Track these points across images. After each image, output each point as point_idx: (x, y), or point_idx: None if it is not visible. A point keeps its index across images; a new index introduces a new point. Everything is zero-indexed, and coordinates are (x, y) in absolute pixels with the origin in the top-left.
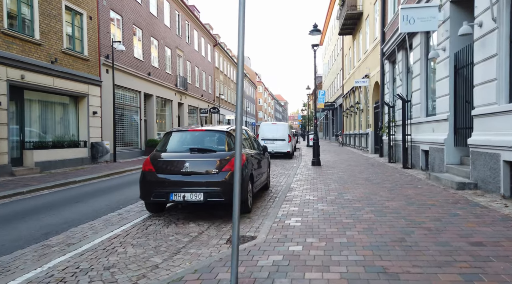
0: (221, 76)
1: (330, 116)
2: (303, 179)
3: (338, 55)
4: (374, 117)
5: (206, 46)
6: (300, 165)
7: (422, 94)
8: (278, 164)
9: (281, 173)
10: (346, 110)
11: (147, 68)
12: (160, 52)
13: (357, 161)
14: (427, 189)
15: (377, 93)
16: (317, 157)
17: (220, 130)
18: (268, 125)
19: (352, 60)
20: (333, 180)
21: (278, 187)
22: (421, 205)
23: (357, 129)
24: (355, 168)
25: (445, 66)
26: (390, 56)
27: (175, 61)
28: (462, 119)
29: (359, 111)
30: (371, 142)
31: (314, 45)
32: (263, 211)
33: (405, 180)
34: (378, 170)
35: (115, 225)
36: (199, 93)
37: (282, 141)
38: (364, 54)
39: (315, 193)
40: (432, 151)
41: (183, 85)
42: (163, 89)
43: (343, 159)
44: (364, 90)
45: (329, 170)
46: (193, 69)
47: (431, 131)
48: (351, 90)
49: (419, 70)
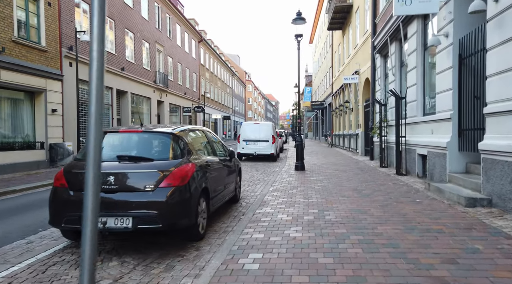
0: (207, 73)
1: (320, 116)
2: (281, 189)
3: (328, 52)
4: (364, 116)
5: (190, 42)
6: (282, 169)
7: (418, 90)
8: (259, 168)
9: (260, 179)
10: (335, 110)
11: (120, 62)
12: (137, 46)
13: (345, 165)
14: (428, 204)
15: (368, 91)
16: (301, 161)
17: (163, 132)
18: (250, 125)
19: (342, 56)
20: (315, 191)
21: (250, 199)
22: (425, 232)
23: (346, 130)
24: (343, 174)
25: (448, 55)
26: (382, 49)
27: (154, 56)
28: (469, 118)
29: (349, 110)
30: (361, 144)
31: (298, 36)
32: (220, 238)
33: (400, 191)
34: (369, 177)
35: (6, 264)
36: (182, 91)
37: (265, 142)
38: (354, 49)
39: (291, 210)
40: (431, 156)
41: (164, 82)
42: (139, 85)
43: (330, 162)
44: (353, 87)
45: (313, 177)
46: (175, 65)
47: (429, 132)
48: (340, 88)
49: (415, 63)
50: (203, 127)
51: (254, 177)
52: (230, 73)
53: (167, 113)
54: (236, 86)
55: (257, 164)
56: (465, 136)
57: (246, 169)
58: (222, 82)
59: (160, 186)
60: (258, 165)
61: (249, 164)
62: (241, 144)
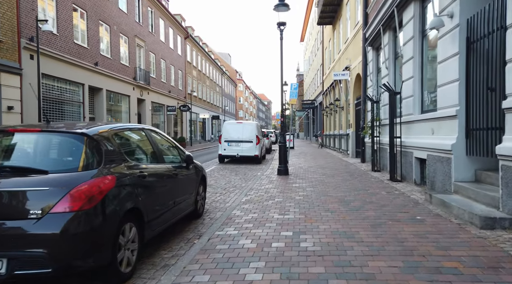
0: (195, 71)
1: (311, 115)
2: (256, 200)
3: (318, 49)
4: (355, 115)
5: (175, 38)
6: (265, 173)
7: (415, 84)
8: (239, 172)
9: (236, 186)
10: (326, 108)
11: (93, 57)
12: (113, 39)
13: (334, 169)
14: (433, 224)
15: (359, 88)
16: (284, 165)
17: (73, 132)
18: (233, 124)
19: (332, 52)
20: (295, 203)
21: (216, 213)
22: (435, 274)
23: (337, 130)
24: (330, 180)
25: (453, 40)
26: (374, 41)
27: (133, 51)
28: (480, 115)
29: (339, 109)
30: (351, 145)
31: (281, 24)
32: (154, 277)
33: (396, 203)
34: (359, 183)
35: None
36: (165, 89)
37: (248, 143)
38: (344, 43)
39: (258, 233)
40: (432, 161)
41: (145, 79)
42: (116, 82)
43: (318, 165)
44: (344, 84)
45: (296, 183)
46: (158, 62)
47: (429, 132)
48: (331, 86)
49: (412, 53)
50: (148, 126)
51: (230, 183)
52: (219, 71)
53: (149, 112)
54: (226, 85)
55: (238, 167)
56: (475, 137)
57: (225, 174)
58: (211, 80)
59: (53, 211)
60: (239, 169)
61: (230, 167)
62: (222, 145)
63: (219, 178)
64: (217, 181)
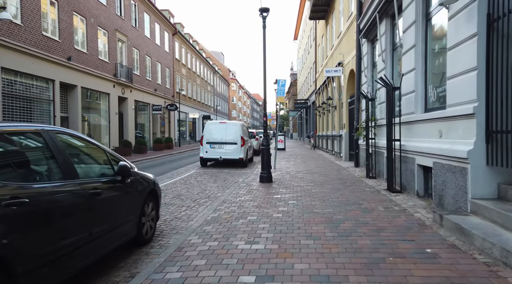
0: (184, 69)
1: (304, 115)
2: (224, 218)
3: (311, 46)
4: (348, 115)
5: (162, 34)
6: (246, 180)
7: (418, 77)
8: (219, 178)
9: (210, 196)
10: (318, 108)
11: (66, 51)
12: (90, 33)
13: (324, 175)
14: (451, 263)
15: (353, 85)
16: (268, 171)
17: None
18: (215, 124)
19: (325, 49)
20: (271, 223)
21: (168, 238)
22: None
23: (329, 130)
24: (318, 190)
25: (469, 18)
26: (369, 31)
27: (114, 46)
28: (505, 113)
29: (332, 108)
30: (344, 147)
31: (263, 11)
32: None
33: (398, 226)
34: (351, 195)
35: None
36: (151, 87)
37: (233, 145)
38: (337, 38)
39: (208, 278)
40: (440, 170)
41: (127, 76)
42: (94, 79)
43: (307, 169)
44: (337, 82)
45: (278, 194)
46: (143, 58)
47: (435, 135)
48: (323, 85)
49: (414, 40)
50: (53, 127)
51: (205, 192)
52: (211, 70)
53: (132, 111)
54: (218, 84)
55: (220, 172)
56: (497, 141)
57: (202, 180)
58: (202, 79)
59: None
60: (221, 173)
61: (211, 172)
62: (204, 147)
63: (194, 185)
64: (190, 189)
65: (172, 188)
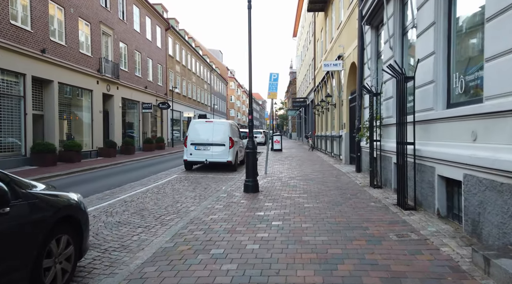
0: (178, 66)
1: (303, 114)
2: (175, 253)
3: (310, 42)
4: (349, 113)
5: (154, 29)
6: (230, 188)
7: (439, 63)
8: (201, 185)
9: (180, 210)
10: (317, 106)
11: (40, 42)
12: (69, 24)
13: (321, 182)
14: None
15: (354, 80)
16: (253, 178)
17: None
18: (201, 124)
19: (324, 43)
20: (238, 267)
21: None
22: None
23: (328, 130)
24: (312, 205)
25: None
26: (373, 16)
27: (98, 39)
28: None
29: (331, 106)
30: (345, 149)
31: None
32: None
33: (421, 271)
34: (353, 213)
35: None
36: (141, 84)
37: (220, 147)
38: (337, 29)
39: None
40: (476, 187)
41: (113, 72)
42: (74, 74)
43: (302, 175)
44: (337, 77)
45: (262, 210)
46: (132, 53)
47: (466, 137)
48: (322, 81)
49: (433, 16)
50: None
51: (176, 204)
52: (208, 68)
53: (118, 109)
54: (216, 83)
55: (204, 177)
56: None
57: (180, 188)
58: (198, 77)
59: None
60: (204, 179)
61: (194, 177)
62: (188, 148)
63: (167, 195)
64: (160, 201)
65: (139, 199)
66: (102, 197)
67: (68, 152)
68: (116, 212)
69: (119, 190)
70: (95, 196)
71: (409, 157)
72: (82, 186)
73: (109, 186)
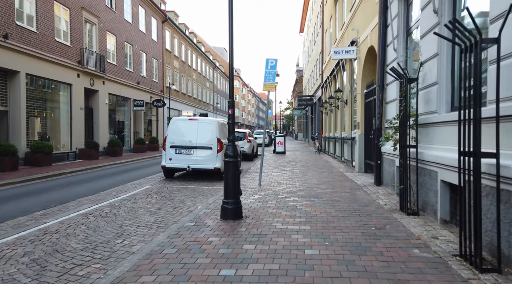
0: (176, 62)
1: (309, 113)
2: None
3: (318, 35)
4: (364, 111)
5: (148, 20)
6: (204, 211)
7: None
8: (173, 201)
9: (118, 251)
10: (324, 104)
11: (1, 26)
12: (42, 7)
13: (331, 202)
14: None
15: (370, 70)
16: (234, 199)
17: None
18: (184, 122)
19: (334, 32)
20: None
21: None
22: None
23: (338, 131)
24: (318, 252)
25: None
26: None
27: (79, 27)
28: None
29: (342, 103)
30: (358, 154)
31: None
32: None
33: None
34: (385, 272)
35: None
36: (133, 79)
37: (206, 151)
38: (350, 12)
39: None
40: None
41: (98, 65)
42: (47, 65)
43: (307, 188)
44: (348, 68)
45: (235, 264)
46: (121, 45)
47: None
48: (331, 75)
49: None
50: None
51: (117, 240)
52: (211, 65)
53: (105, 106)
54: (219, 81)
55: (183, 189)
56: None
57: (143, 206)
58: (199, 74)
59: None
60: (181, 192)
61: (169, 189)
62: (167, 152)
63: (114, 221)
64: (95, 233)
65: (68, 230)
66: (18, 225)
67: (35, 155)
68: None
69: (55, 211)
70: (5, 224)
71: (487, 178)
72: (11, 203)
73: (50, 202)
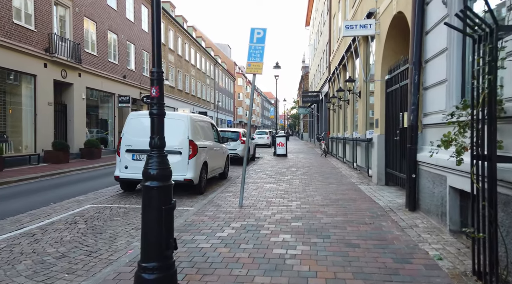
0: (172, 56)
1: (315, 112)
2: None
3: (325, 24)
4: (386, 104)
5: (138, 8)
6: (126, 270)
7: None
8: (101, 234)
9: None
10: (332, 99)
11: None
12: None
13: (342, 244)
14: None
15: (395, 49)
16: (158, 254)
17: None
18: (145, 118)
19: (344, 12)
20: None
21: None
22: None
23: (348, 131)
24: None
25: None
26: None
27: (47, 10)
28: None
29: (353, 96)
30: (377, 160)
31: None
32: None
33: None
34: None
35: None
36: (117, 73)
37: (173, 156)
38: None
39: None
40: None
41: (73, 56)
42: (3, 51)
43: (307, 212)
44: (363, 53)
45: None
46: (103, 34)
47: None
48: (340, 65)
49: None
50: None
51: None
52: (212, 61)
53: (81, 102)
54: (221, 78)
55: (128, 214)
56: None
57: (45, 247)
58: (198, 70)
59: None
60: (124, 219)
61: (112, 213)
62: (122, 158)
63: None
64: None
65: None
66: None
67: None
68: None
69: None
70: None
71: None
72: None
73: None
